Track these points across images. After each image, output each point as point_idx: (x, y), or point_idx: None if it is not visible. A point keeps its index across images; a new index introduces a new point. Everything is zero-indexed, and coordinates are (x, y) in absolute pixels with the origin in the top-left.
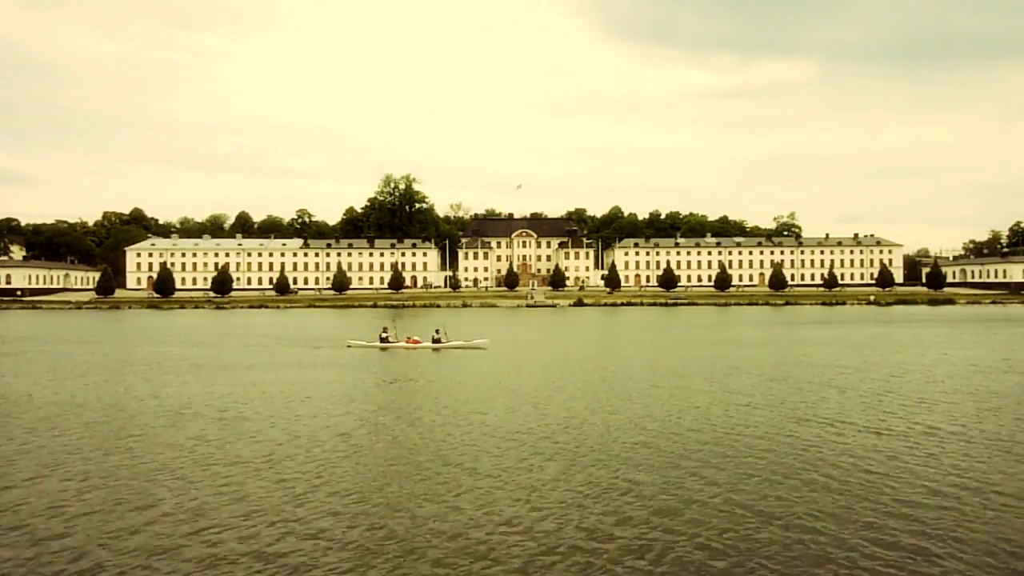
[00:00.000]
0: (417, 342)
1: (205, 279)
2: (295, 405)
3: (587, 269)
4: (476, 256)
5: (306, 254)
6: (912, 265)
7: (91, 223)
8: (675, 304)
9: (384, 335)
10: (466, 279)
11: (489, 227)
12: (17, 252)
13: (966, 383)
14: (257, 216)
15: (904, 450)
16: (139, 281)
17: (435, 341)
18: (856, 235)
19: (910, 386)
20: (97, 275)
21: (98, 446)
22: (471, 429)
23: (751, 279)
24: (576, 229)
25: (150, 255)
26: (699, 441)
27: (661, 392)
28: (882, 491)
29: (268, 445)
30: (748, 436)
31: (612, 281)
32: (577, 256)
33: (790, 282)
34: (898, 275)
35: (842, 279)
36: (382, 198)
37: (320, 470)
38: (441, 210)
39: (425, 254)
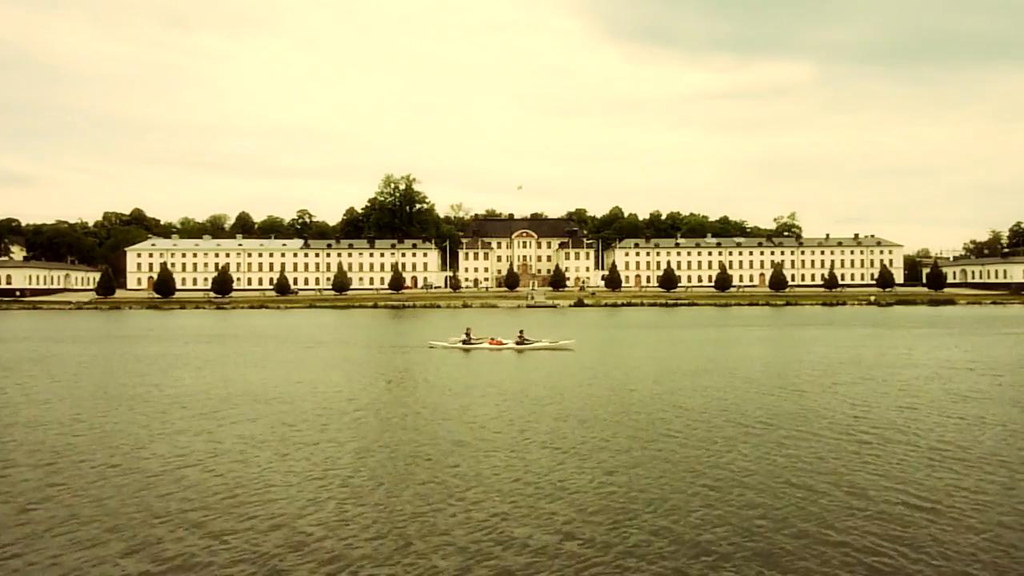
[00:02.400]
0: (501, 343)
1: (205, 279)
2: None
3: (587, 269)
4: (476, 256)
5: (306, 254)
6: (912, 265)
7: (91, 223)
8: (675, 304)
9: (466, 336)
10: (466, 279)
11: (489, 227)
12: (17, 252)
13: (929, 387)
14: (257, 216)
15: (831, 454)
16: (139, 281)
17: (519, 342)
18: (856, 235)
19: (876, 390)
20: (97, 275)
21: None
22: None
23: (751, 279)
24: (576, 229)
25: (150, 255)
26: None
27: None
28: (792, 492)
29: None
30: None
31: (613, 281)
32: (577, 256)
33: (790, 282)
34: (898, 275)
35: (842, 279)
36: (382, 198)
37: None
38: (441, 210)
39: (425, 254)
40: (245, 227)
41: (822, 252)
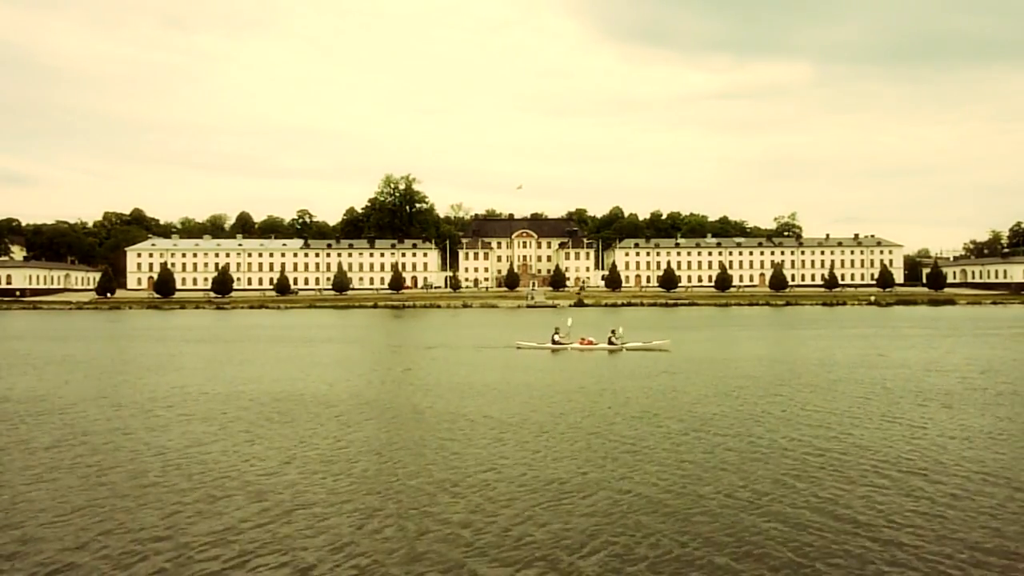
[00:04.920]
0: (591, 343)
1: (206, 279)
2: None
3: (587, 269)
4: (476, 256)
5: (307, 254)
6: (913, 265)
7: (91, 223)
8: (675, 304)
9: (556, 336)
10: (466, 279)
11: (489, 227)
12: (17, 252)
13: (897, 387)
14: (258, 216)
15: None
16: (140, 281)
17: (612, 342)
18: (856, 235)
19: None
20: (97, 275)
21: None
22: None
23: (751, 279)
24: (576, 229)
25: (151, 255)
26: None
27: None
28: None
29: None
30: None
31: (613, 281)
32: (578, 256)
33: (790, 282)
34: (899, 275)
35: (843, 279)
36: (382, 198)
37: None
38: (441, 210)
39: (426, 254)
40: (245, 227)
41: (822, 252)
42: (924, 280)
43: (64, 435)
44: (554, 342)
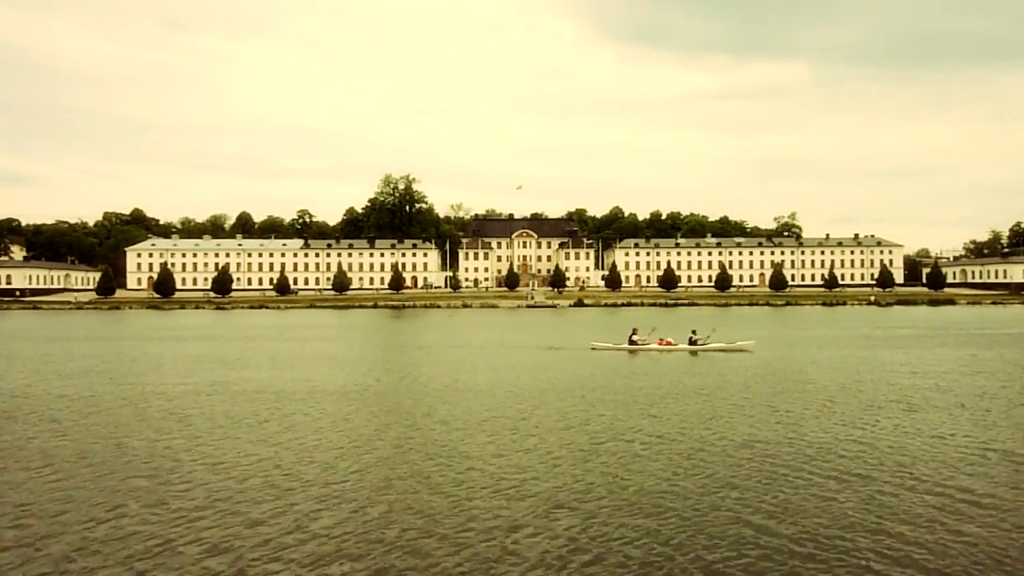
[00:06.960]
0: (670, 343)
1: (206, 279)
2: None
3: (587, 269)
4: (476, 256)
5: (306, 254)
6: (912, 265)
7: (91, 223)
8: (675, 304)
9: (633, 336)
10: (466, 279)
11: (489, 227)
12: (17, 252)
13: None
14: (258, 216)
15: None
16: (139, 281)
17: (692, 342)
18: (856, 235)
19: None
20: (98, 275)
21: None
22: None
23: (751, 279)
24: (576, 229)
25: (150, 255)
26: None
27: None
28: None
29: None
30: None
31: (613, 281)
32: (577, 256)
33: (790, 282)
34: (898, 275)
35: (842, 279)
36: (382, 198)
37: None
38: (441, 210)
39: (425, 254)
40: (245, 227)
41: (822, 252)
42: (924, 280)
43: (39, 431)
44: (631, 342)
